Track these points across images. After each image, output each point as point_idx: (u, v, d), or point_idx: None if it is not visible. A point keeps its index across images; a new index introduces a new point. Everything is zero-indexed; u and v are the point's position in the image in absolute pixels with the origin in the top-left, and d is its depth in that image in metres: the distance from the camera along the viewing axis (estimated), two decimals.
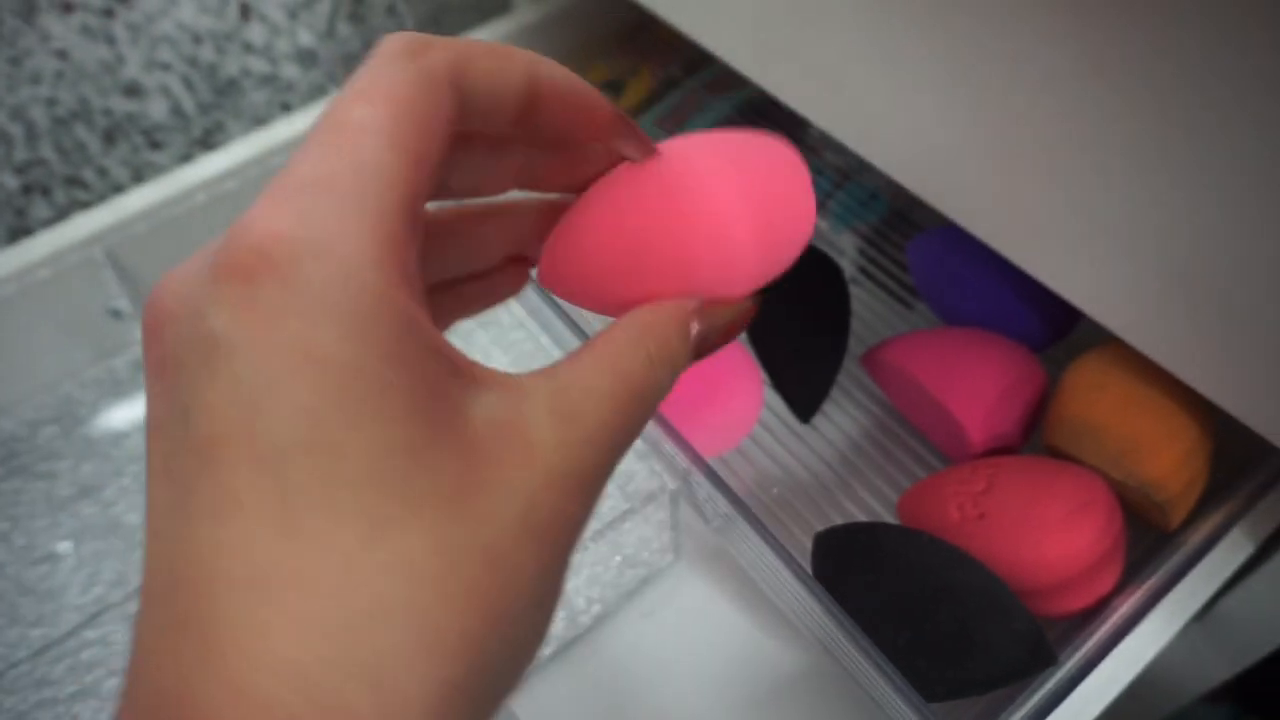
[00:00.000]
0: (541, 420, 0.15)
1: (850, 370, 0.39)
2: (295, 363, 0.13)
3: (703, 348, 0.19)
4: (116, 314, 0.45)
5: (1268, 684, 0.41)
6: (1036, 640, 0.27)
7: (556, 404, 0.16)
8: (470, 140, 0.18)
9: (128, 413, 0.48)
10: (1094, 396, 0.30)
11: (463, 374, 0.15)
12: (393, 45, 0.15)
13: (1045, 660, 0.27)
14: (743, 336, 0.35)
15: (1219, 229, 0.22)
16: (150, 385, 0.14)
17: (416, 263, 0.15)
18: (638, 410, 0.17)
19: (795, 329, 0.34)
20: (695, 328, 0.18)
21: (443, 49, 0.16)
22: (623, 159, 0.20)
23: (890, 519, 0.34)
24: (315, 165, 0.14)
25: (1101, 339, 0.29)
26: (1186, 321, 0.25)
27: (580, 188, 0.20)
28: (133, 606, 0.41)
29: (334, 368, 0.13)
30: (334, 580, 0.13)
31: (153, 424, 0.14)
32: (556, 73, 0.17)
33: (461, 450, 0.14)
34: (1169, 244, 0.23)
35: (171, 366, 0.14)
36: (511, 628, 0.14)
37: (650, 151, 0.20)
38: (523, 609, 0.15)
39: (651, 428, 0.27)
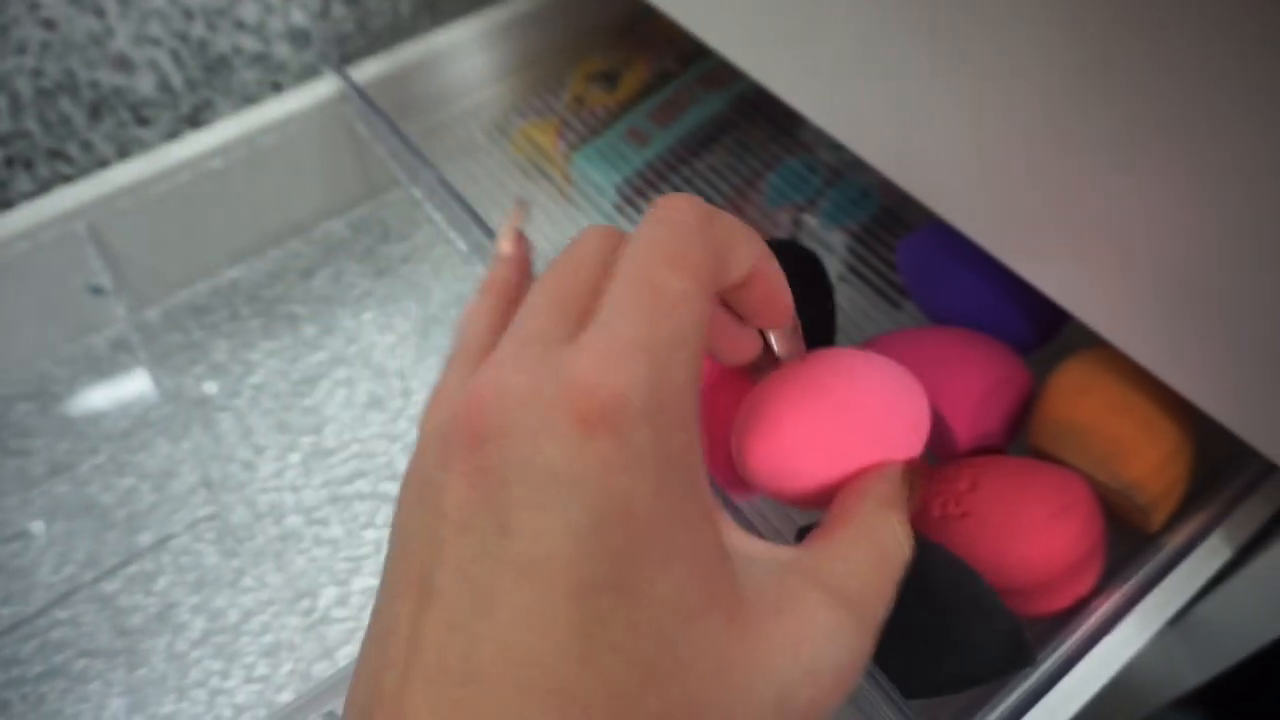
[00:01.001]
0: (811, 604, 0.17)
1: None
2: (618, 512, 0.15)
3: (915, 507, 0.21)
4: (97, 290, 0.45)
5: (1236, 693, 0.41)
6: (1017, 640, 0.27)
7: (826, 581, 0.17)
8: None
9: (105, 391, 0.47)
10: (1079, 399, 0.30)
11: (731, 545, 0.17)
12: (690, 210, 0.18)
13: (1025, 660, 0.27)
14: None
15: (1204, 233, 0.22)
16: (457, 485, 0.16)
17: (700, 447, 0.17)
18: (895, 580, 0.19)
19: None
20: (906, 489, 0.21)
21: (724, 228, 0.18)
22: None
23: None
24: (639, 330, 0.16)
25: (1088, 342, 0.29)
26: (1171, 325, 0.25)
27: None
28: (106, 586, 0.41)
29: (643, 524, 0.15)
30: (613, 714, 0.14)
31: (458, 520, 0.16)
32: (773, 266, 0.20)
33: (730, 626, 0.16)
34: (1155, 247, 0.23)
35: (496, 480, 0.15)
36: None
37: (801, 350, 0.24)
38: None
39: None
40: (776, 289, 0.21)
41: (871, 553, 0.18)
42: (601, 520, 0.15)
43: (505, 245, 0.23)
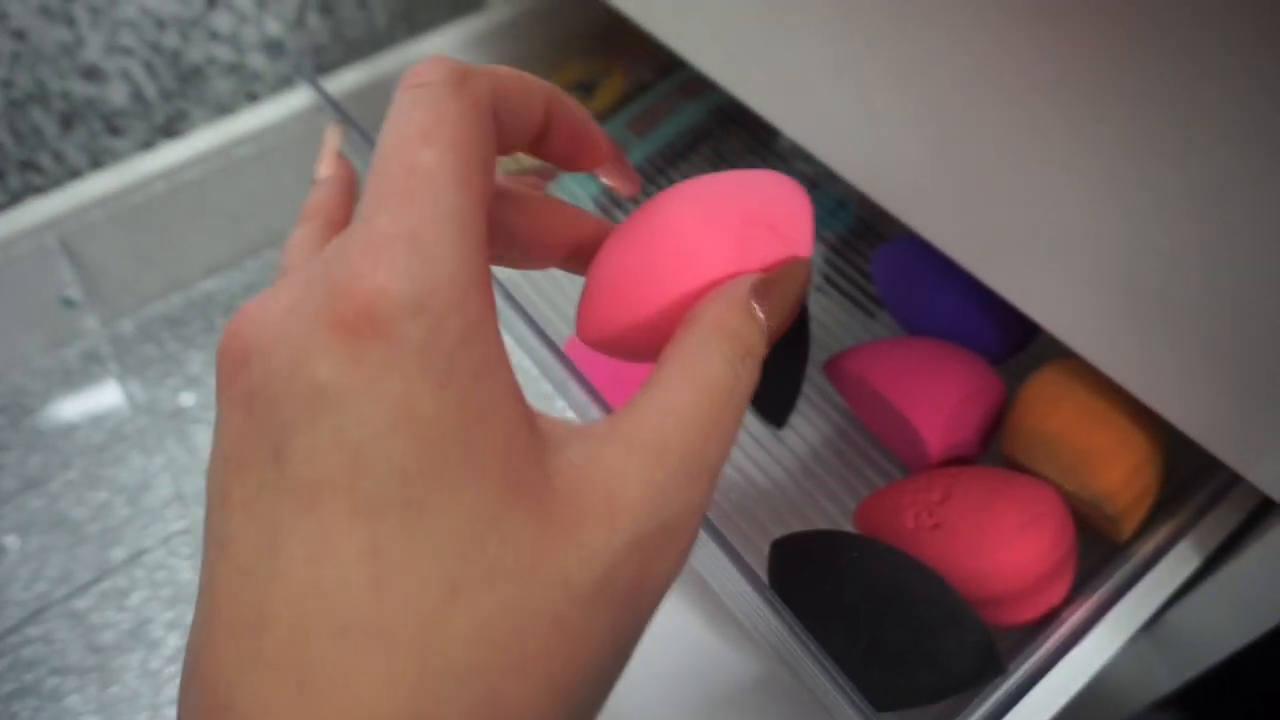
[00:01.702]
0: (625, 468, 0.15)
1: (813, 379, 0.39)
2: (394, 419, 0.14)
3: (776, 324, 0.18)
4: (69, 303, 0.44)
5: (1215, 694, 0.42)
6: (987, 651, 0.27)
7: (639, 436, 0.16)
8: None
9: (78, 404, 0.47)
10: (1050, 409, 0.30)
11: (542, 433, 0.15)
12: (436, 73, 0.16)
13: (995, 670, 0.28)
14: None
15: (1171, 248, 0.22)
16: (230, 416, 0.15)
17: (492, 298, 0.15)
18: (728, 418, 0.16)
19: None
20: (758, 308, 0.18)
21: (484, 79, 0.16)
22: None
23: (849, 527, 0.34)
24: (397, 216, 0.14)
25: (1060, 352, 0.29)
26: (1137, 337, 0.25)
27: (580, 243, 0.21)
28: (78, 603, 0.40)
29: (428, 425, 0.14)
30: (413, 639, 0.13)
31: (233, 458, 0.14)
32: (569, 104, 0.18)
33: (540, 515, 0.14)
34: (1122, 261, 0.24)
35: (262, 404, 0.14)
36: (576, 694, 0.14)
37: (636, 185, 0.21)
38: (591, 677, 0.15)
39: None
40: (580, 125, 0.19)
41: (692, 390, 0.16)
42: (378, 430, 0.14)
43: (322, 169, 0.22)
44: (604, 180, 0.21)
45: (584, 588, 0.14)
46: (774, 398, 0.34)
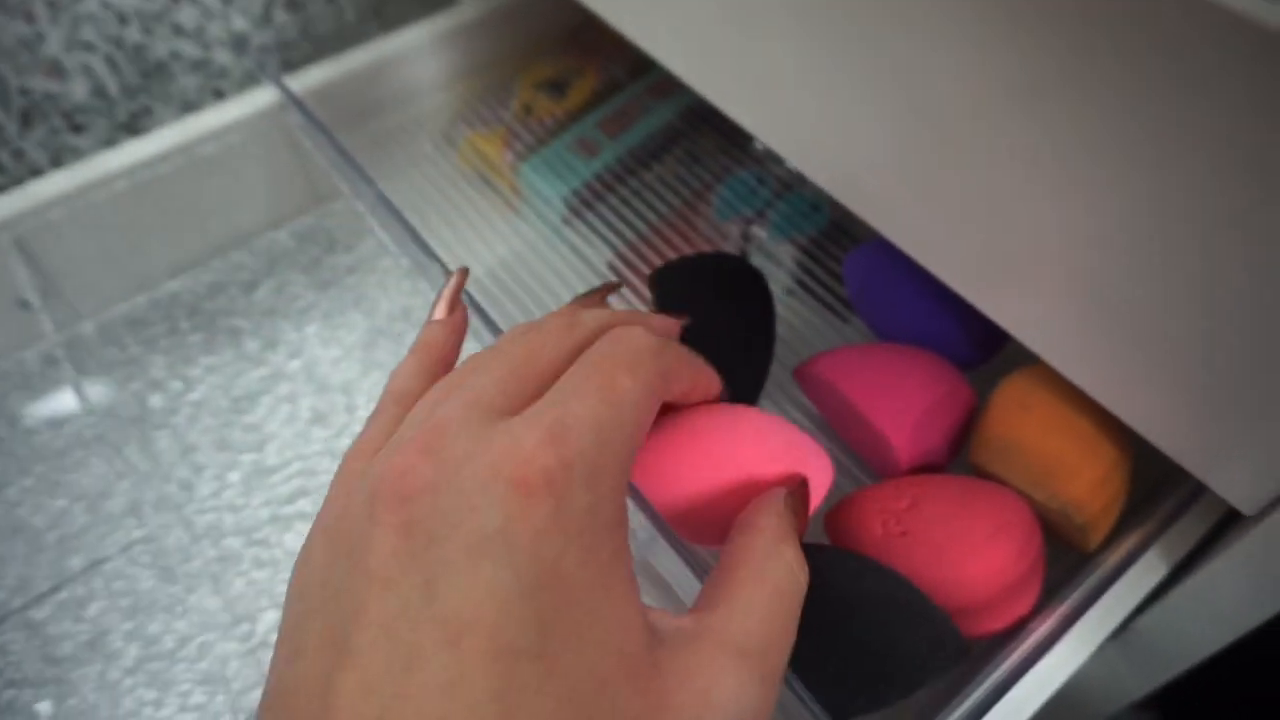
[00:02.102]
0: (716, 666, 0.17)
1: (783, 384, 0.39)
2: (544, 578, 0.15)
3: (802, 529, 0.22)
4: (25, 305, 0.43)
5: (1191, 694, 0.42)
6: (950, 635, 0.27)
7: (727, 638, 0.18)
8: None
9: (36, 409, 0.46)
10: (1018, 417, 0.30)
11: (650, 623, 0.18)
12: (646, 340, 0.20)
13: (960, 654, 0.27)
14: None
15: (1139, 258, 0.22)
16: (385, 538, 0.16)
17: (628, 528, 0.18)
18: (793, 620, 0.19)
19: (720, 338, 0.33)
20: (791, 516, 0.22)
21: (673, 355, 0.21)
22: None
23: (819, 533, 0.34)
24: (592, 410, 0.17)
25: (1030, 359, 0.29)
26: (1106, 346, 0.25)
27: None
28: (36, 613, 0.39)
29: (571, 589, 0.15)
30: None
31: (380, 576, 0.15)
32: (708, 376, 0.24)
33: (646, 693, 0.16)
34: (1090, 269, 0.23)
35: (423, 535, 0.16)
36: None
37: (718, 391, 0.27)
38: None
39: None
40: (711, 387, 0.24)
41: (768, 595, 0.19)
42: (529, 585, 0.15)
43: (440, 310, 0.24)
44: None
45: None
46: (744, 375, 0.34)
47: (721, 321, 0.34)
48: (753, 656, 0.18)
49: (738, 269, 0.35)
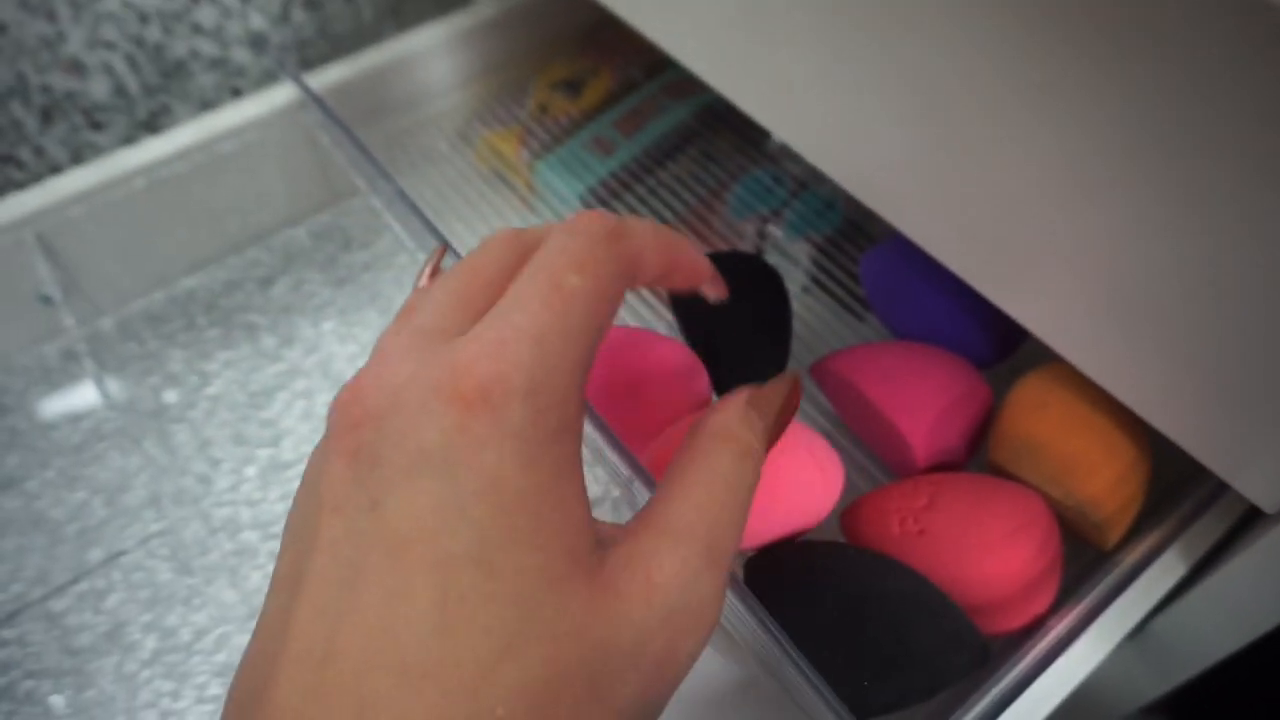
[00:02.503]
0: (658, 550, 0.17)
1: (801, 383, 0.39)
2: (483, 487, 0.15)
3: (774, 431, 0.21)
4: (47, 300, 0.44)
5: (1203, 699, 0.41)
6: (972, 639, 0.27)
7: (669, 525, 0.18)
8: None
9: (56, 403, 0.46)
10: (1036, 415, 0.30)
11: (599, 531, 0.18)
12: (597, 226, 0.19)
13: (982, 659, 0.27)
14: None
15: (1160, 256, 0.22)
16: (334, 464, 0.16)
17: (584, 415, 0.18)
18: (737, 509, 0.19)
19: (736, 336, 0.33)
20: (755, 415, 0.21)
21: (636, 239, 0.20)
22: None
23: (835, 531, 0.34)
24: (532, 319, 0.17)
25: (1048, 357, 0.29)
26: (1125, 344, 0.25)
27: None
28: (55, 604, 0.40)
29: (510, 498, 0.16)
30: (466, 686, 0.15)
31: (329, 502, 0.16)
32: (689, 254, 0.22)
33: (590, 587, 0.16)
34: (1111, 268, 0.23)
35: (368, 458, 0.16)
36: None
37: (724, 290, 0.25)
38: None
39: (594, 436, 0.27)
40: (694, 269, 0.22)
41: (708, 484, 0.19)
42: (468, 494, 0.15)
43: (425, 280, 0.24)
44: (706, 292, 0.24)
45: (619, 653, 0.16)
46: (760, 373, 0.34)
47: (738, 320, 0.34)
48: (695, 539, 0.18)
49: (754, 268, 0.35)
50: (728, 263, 0.36)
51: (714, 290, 0.25)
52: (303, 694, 0.15)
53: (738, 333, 0.34)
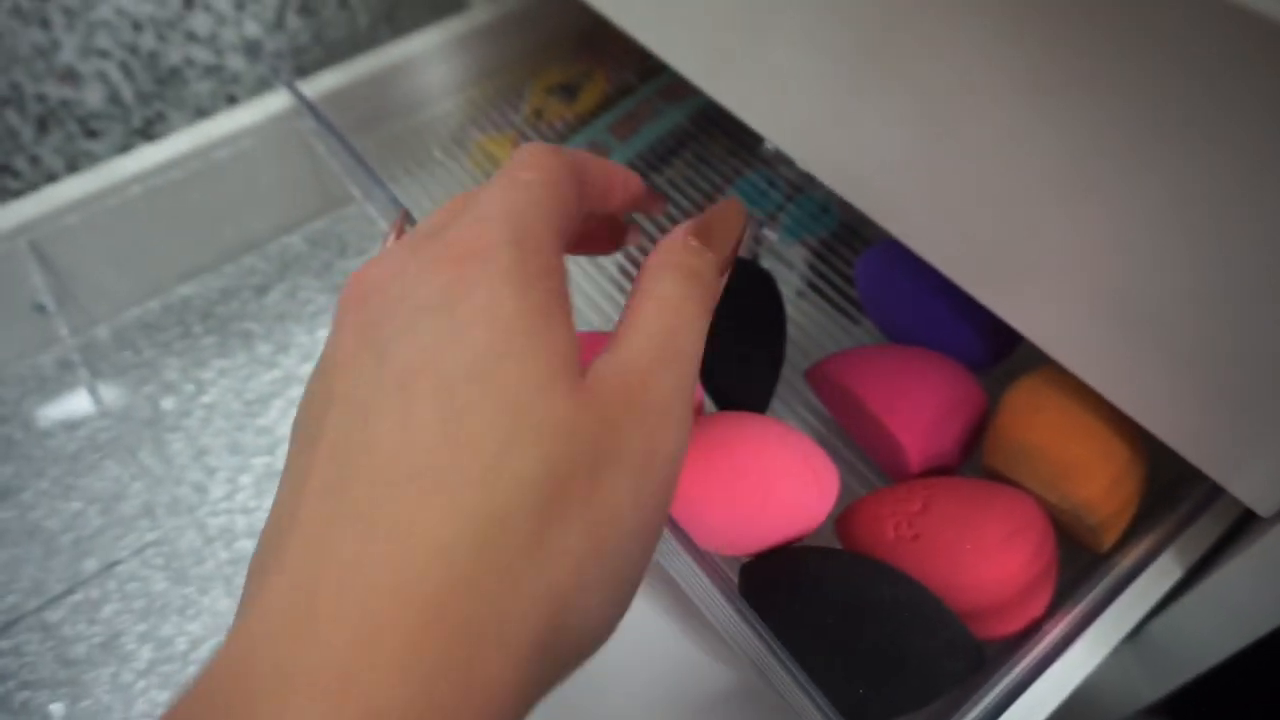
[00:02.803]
0: (624, 362, 0.19)
1: (794, 385, 0.39)
2: (476, 317, 0.17)
3: (720, 253, 0.23)
4: (41, 309, 0.44)
5: (1203, 701, 0.41)
6: (968, 646, 0.27)
7: (629, 343, 0.20)
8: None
9: (51, 412, 0.46)
10: (1031, 418, 0.30)
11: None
12: (539, 145, 0.21)
13: (975, 664, 0.27)
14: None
15: (1154, 260, 0.22)
16: (344, 338, 0.18)
17: (565, 278, 0.20)
18: (686, 321, 0.21)
19: (730, 340, 0.33)
20: (697, 242, 0.22)
21: (572, 153, 0.22)
22: None
23: (830, 536, 0.34)
24: (500, 203, 0.19)
25: (1043, 360, 0.29)
26: (1120, 347, 0.25)
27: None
28: (50, 615, 0.40)
29: (502, 318, 0.17)
30: (475, 481, 0.16)
31: (340, 364, 0.18)
32: (624, 171, 0.25)
33: (577, 393, 0.18)
34: (1105, 272, 0.23)
35: (372, 325, 0.18)
36: (609, 549, 0.17)
37: (663, 203, 0.29)
38: (620, 536, 0.18)
39: None
40: (629, 184, 0.25)
41: (657, 305, 0.20)
42: (462, 325, 0.17)
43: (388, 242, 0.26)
44: (640, 213, 0.27)
45: (607, 450, 0.17)
46: (747, 404, 0.34)
47: (731, 324, 0.34)
48: (649, 348, 0.19)
49: (748, 271, 0.35)
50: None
51: (655, 207, 0.27)
52: (323, 520, 0.16)
53: (732, 336, 0.33)
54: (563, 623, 0.16)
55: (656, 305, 0.20)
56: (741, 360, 0.34)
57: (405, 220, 0.27)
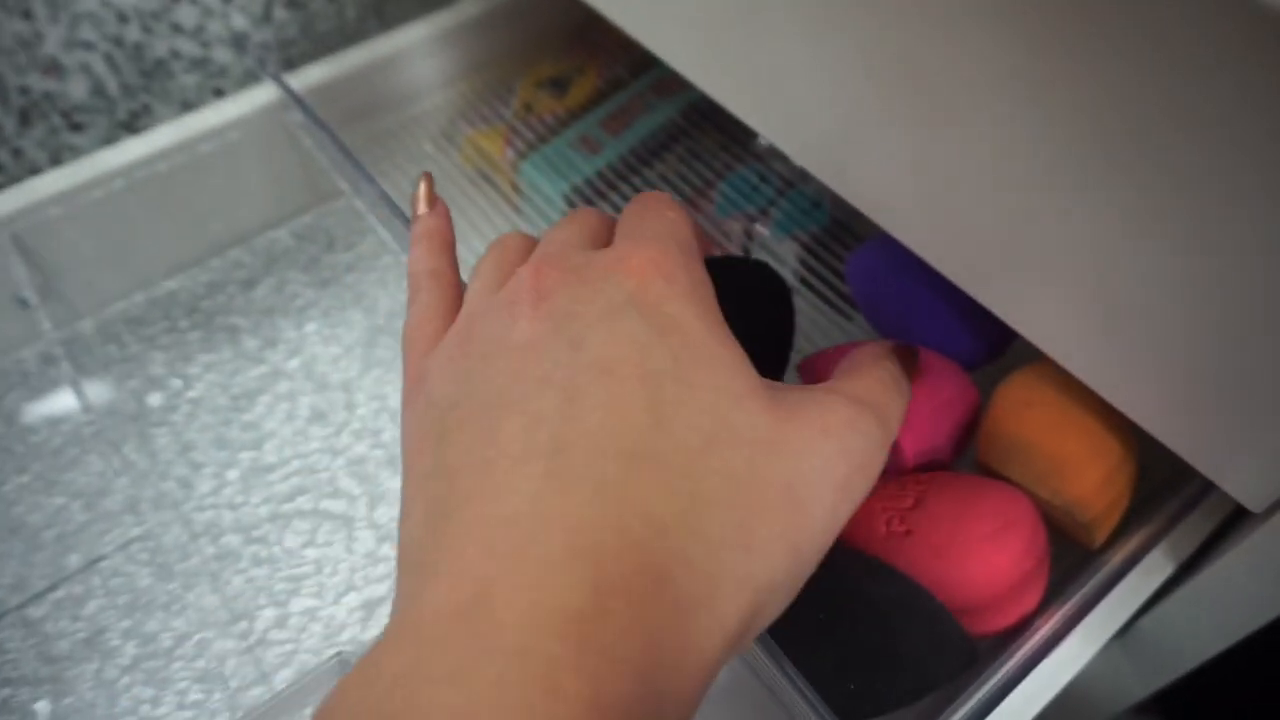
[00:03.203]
0: (833, 403, 0.20)
1: (788, 379, 0.39)
2: (671, 325, 0.19)
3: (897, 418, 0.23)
4: (23, 303, 0.43)
5: (1192, 697, 0.41)
6: (957, 641, 0.27)
7: (841, 390, 0.21)
8: None
9: (35, 407, 0.46)
10: (1024, 414, 0.30)
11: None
12: (664, 195, 0.24)
13: (968, 662, 0.27)
14: None
15: (1147, 256, 0.22)
16: (533, 326, 0.19)
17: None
18: (899, 403, 0.22)
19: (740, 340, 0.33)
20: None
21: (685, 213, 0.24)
22: None
23: None
24: (662, 223, 0.21)
25: (1036, 356, 0.29)
26: (1112, 344, 0.25)
27: None
28: (33, 611, 0.39)
29: (691, 335, 0.19)
30: (683, 467, 0.17)
31: (529, 346, 0.19)
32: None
33: (774, 411, 0.19)
34: (1098, 268, 0.23)
35: (563, 316, 0.19)
36: (803, 555, 0.18)
37: None
38: (815, 545, 0.18)
39: None
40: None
41: (877, 374, 0.22)
42: (659, 329, 0.18)
43: (422, 206, 0.26)
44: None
45: (810, 469, 0.18)
46: (767, 352, 0.34)
47: (743, 327, 0.33)
48: (866, 402, 0.21)
49: (765, 276, 0.35)
50: (729, 267, 0.36)
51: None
52: (540, 477, 0.16)
53: (742, 339, 0.33)
54: (761, 608, 0.17)
55: (879, 378, 0.22)
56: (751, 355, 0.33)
57: (431, 179, 0.27)
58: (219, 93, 0.55)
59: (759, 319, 0.35)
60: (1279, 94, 0.17)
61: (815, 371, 0.35)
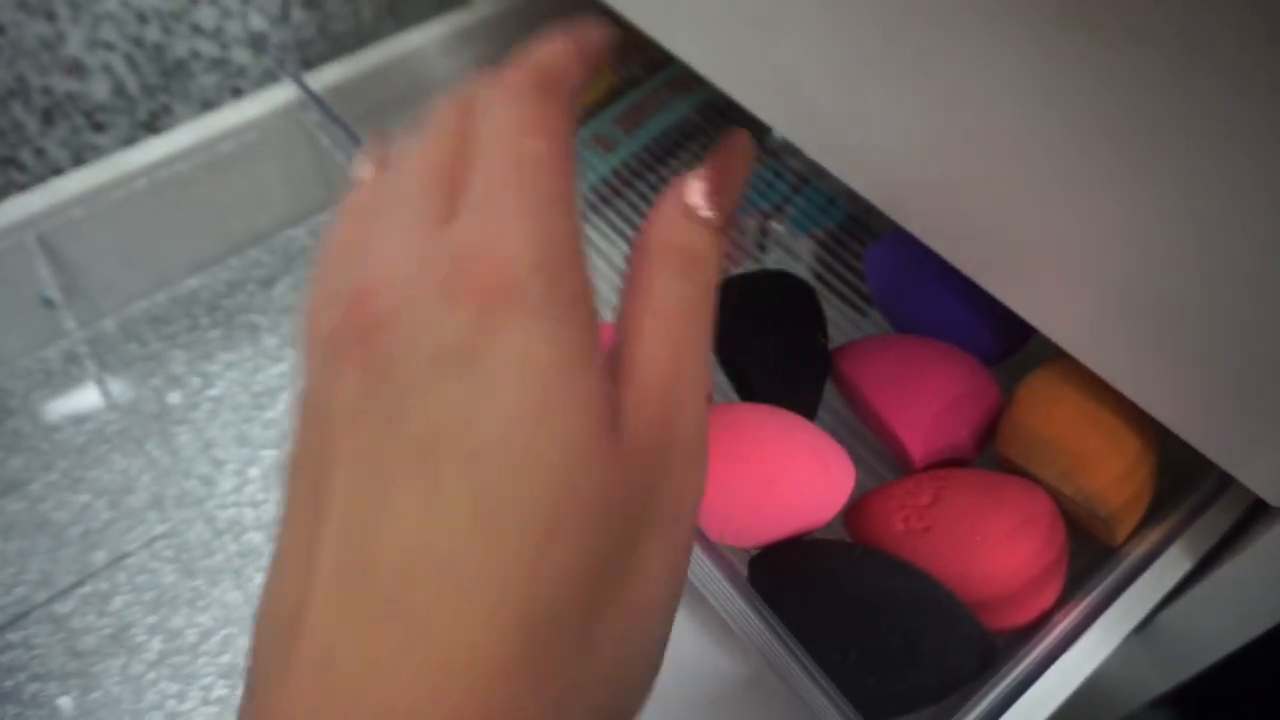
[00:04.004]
0: (642, 402, 0.17)
1: None
2: (507, 371, 0.15)
3: (727, 215, 0.20)
4: (49, 303, 0.44)
5: (1210, 692, 0.41)
6: (983, 643, 0.27)
7: (636, 375, 0.17)
8: None
9: (59, 405, 0.46)
10: (1045, 410, 0.30)
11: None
12: (530, 77, 0.18)
13: (986, 655, 0.27)
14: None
15: (1165, 251, 0.22)
16: (345, 380, 0.16)
17: (592, 291, 0.17)
18: (696, 325, 0.18)
19: (776, 356, 0.33)
20: (697, 207, 0.19)
21: (567, 78, 0.19)
22: None
23: (841, 528, 0.34)
24: (519, 196, 0.16)
25: (1057, 352, 0.29)
26: (1131, 340, 0.25)
27: None
28: (59, 607, 0.40)
29: (536, 369, 0.15)
30: (515, 580, 0.14)
31: (340, 418, 0.15)
32: (592, 32, 0.21)
33: (615, 454, 0.15)
34: (1116, 263, 0.23)
35: (381, 368, 0.15)
36: (653, 626, 0.16)
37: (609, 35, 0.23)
38: (662, 609, 0.16)
39: None
40: (598, 43, 0.21)
41: (663, 316, 0.18)
42: (492, 381, 0.15)
43: (364, 172, 0.22)
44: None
45: (647, 516, 0.16)
46: (801, 391, 0.34)
47: (777, 340, 0.34)
48: (657, 381, 0.17)
49: (792, 286, 0.35)
50: (761, 282, 0.36)
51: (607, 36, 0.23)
52: (341, 613, 0.14)
53: (778, 353, 0.34)
54: (612, 706, 0.15)
55: (663, 323, 0.18)
56: (788, 379, 0.33)
57: (381, 142, 0.22)
58: (238, 92, 0.55)
59: (794, 329, 0.35)
60: None
61: (835, 370, 0.35)
